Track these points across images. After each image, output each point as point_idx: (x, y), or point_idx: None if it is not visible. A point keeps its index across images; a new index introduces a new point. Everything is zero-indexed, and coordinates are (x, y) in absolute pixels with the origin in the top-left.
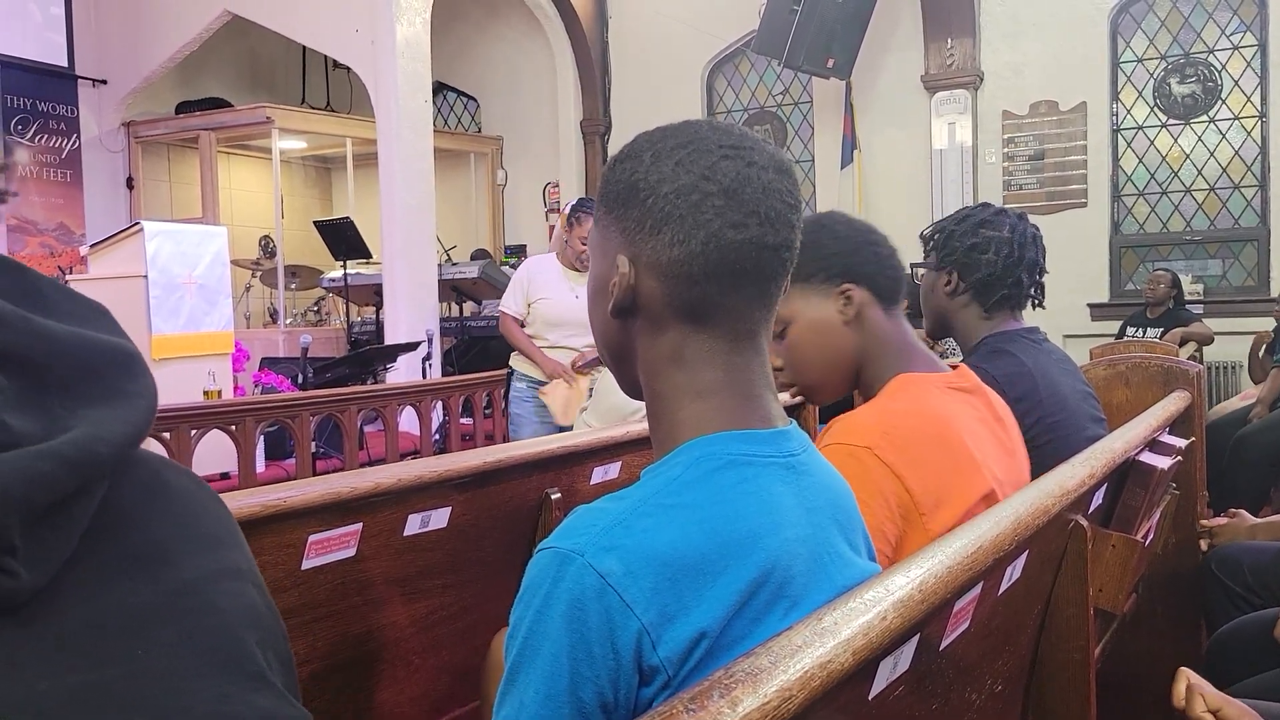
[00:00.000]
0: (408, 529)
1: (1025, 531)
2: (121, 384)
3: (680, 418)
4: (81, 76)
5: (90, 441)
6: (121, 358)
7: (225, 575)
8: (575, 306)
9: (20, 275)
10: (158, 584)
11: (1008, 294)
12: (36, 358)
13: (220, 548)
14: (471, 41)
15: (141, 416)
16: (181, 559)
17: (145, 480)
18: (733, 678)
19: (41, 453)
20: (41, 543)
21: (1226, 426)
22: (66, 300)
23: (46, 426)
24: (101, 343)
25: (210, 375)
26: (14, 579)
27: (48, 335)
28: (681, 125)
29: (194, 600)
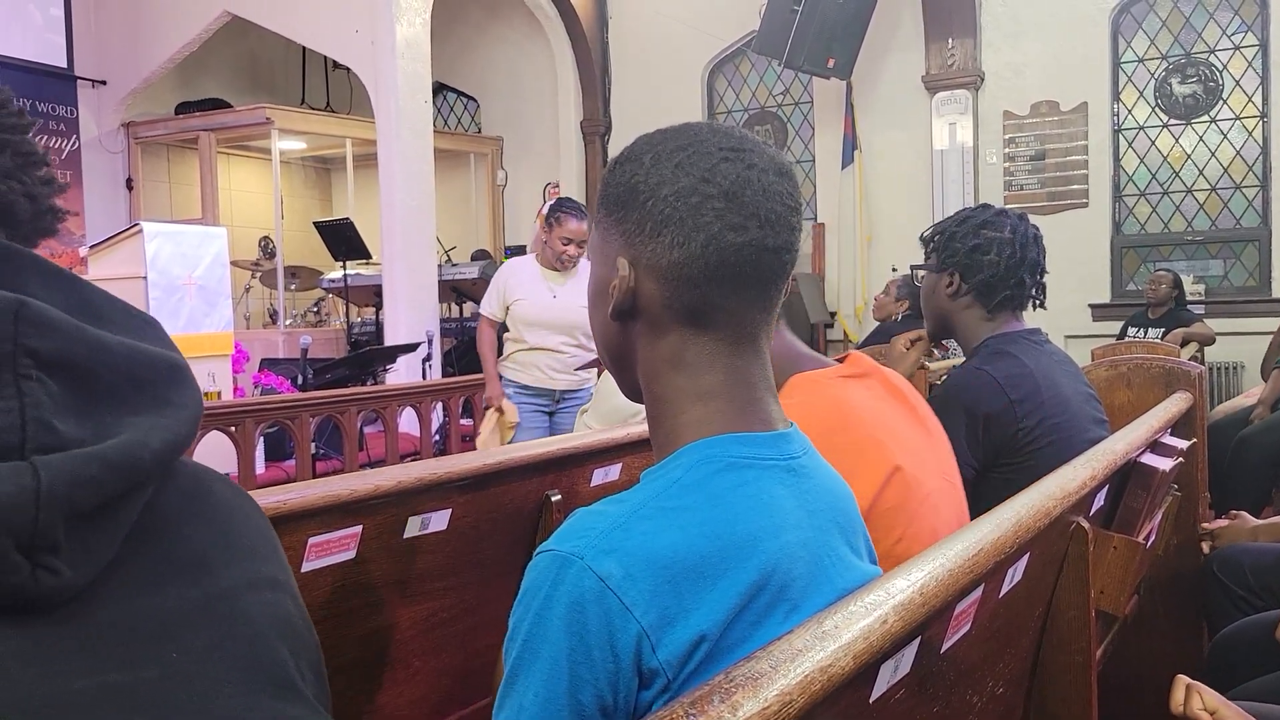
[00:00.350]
0: (408, 531)
1: (1026, 533)
2: (168, 394)
3: (681, 420)
4: (81, 77)
5: (135, 447)
6: (169, 369)
7: (261, 585)
8: (553, 306)
9: (74, 287)
10: (195, 591)
11: (1010, 295)
12: (88, 366)
13: (258, 558)
14: (471, 42)
15: (186, 426)
16: (219, 568)
17: (188, 488)
18: (733, 682)
19: (88, 456)
20: (84, 544)
21: (1228, 428)
22: (119, 312)
23: (94, 432)
24: (150, 354)
25: (210, 376)
26: (57, 577)
27: (99, 345)
28: (681, 127)
29: (229, 608)
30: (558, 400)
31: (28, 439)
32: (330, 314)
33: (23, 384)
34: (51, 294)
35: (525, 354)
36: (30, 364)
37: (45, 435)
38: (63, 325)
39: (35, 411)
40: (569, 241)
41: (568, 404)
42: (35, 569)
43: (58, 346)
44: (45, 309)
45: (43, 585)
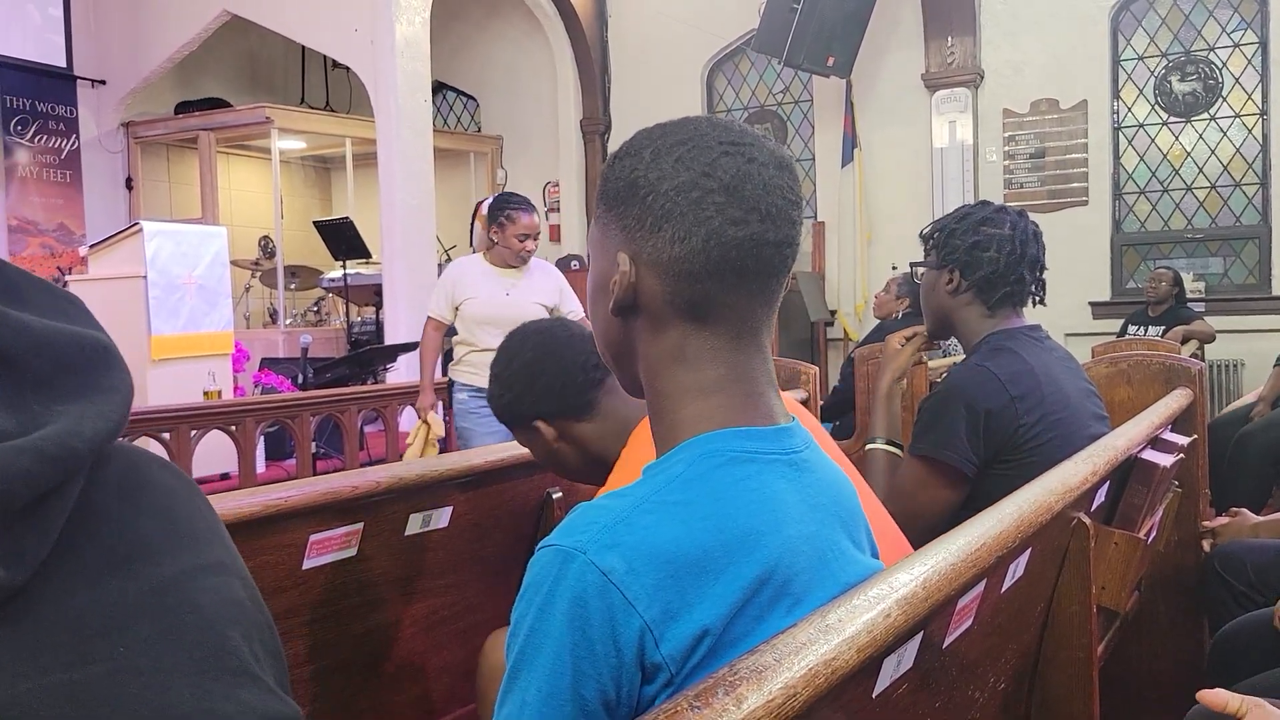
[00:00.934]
0: (409, 528)
1: (1028, 529)
2: (97, 378)
3: (682, 415)
4: (80, 77)
5: (68, 437)
6: (97, 351)
7: (206, 570)
8: (508, 304)
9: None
10: (138, 581)
11: (1010, 291)
12: (14, 354)
13: (200, 542)
14: (471, 41)
15: (118, 411)
16: (161, 555)
17: (123, 476)
18: (737, 675)
19: (20, 448)
20: (19, 541)
21: (1228, 425)
22: (41, 293)
23: (24, 422)
24: (77, 336)
25: (210, 375)
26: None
27: (25, 330)
28: (681, 122)
29: (174, 597)
30: None
31: None
32: (330, 313)
33: None
34: None
35: (479, 355)
36: None
37: None
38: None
39: None
40: (526, 237)
41: None
42: None
43: None
44: None
45: None
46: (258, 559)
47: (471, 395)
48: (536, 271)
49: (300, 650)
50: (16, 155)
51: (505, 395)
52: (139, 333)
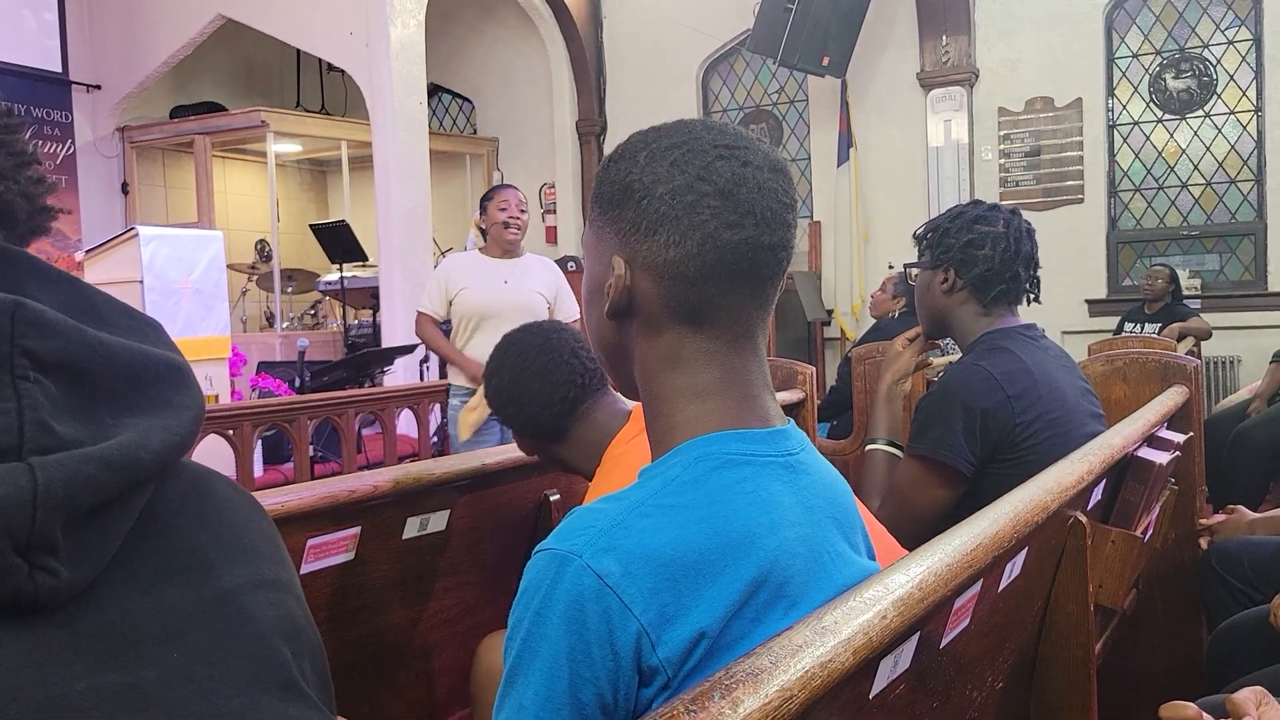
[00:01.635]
0: (407, 532)
1: (1025, 528)
2: (169, 395)
3: (678, 419)
4: (75, 82)
5: (133, 448)
6: (170, 370)
7: (264, 586)
8: (507, 291)
9: (74, 289)
10: (196, 591)
11: (1005, 289)
12: (88, 367)
13: (260, 559)
14: (466, 43)
15: (186, 427)
16: (221, 568)
17: (189, 489)
18: (733, 678)
19: (86, 456)
20: (83, 544)
21: (1225, 421)
22: (119, 314)
23: (93, 433)
24: (151, 355)
25: (207, 380)
26: (54, 578)
27: (99, 345)
28: (676, 125)
29: (231, 608)
30: None
31: (25, 440)
32: (327, 316)
33: (20, 385)
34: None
35: (477, 353)
36: (28, 365)
37: (43, 436)
38: (61, 326)
39: (33, 413)
40: (505, 207)
41: None
42: (33, 570)
43: (56, 347)
44: (43, 310)
45: (41, 587)
46: None
47: (465, 401)
48: (535, 264)
49: None
50: None
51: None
52: None
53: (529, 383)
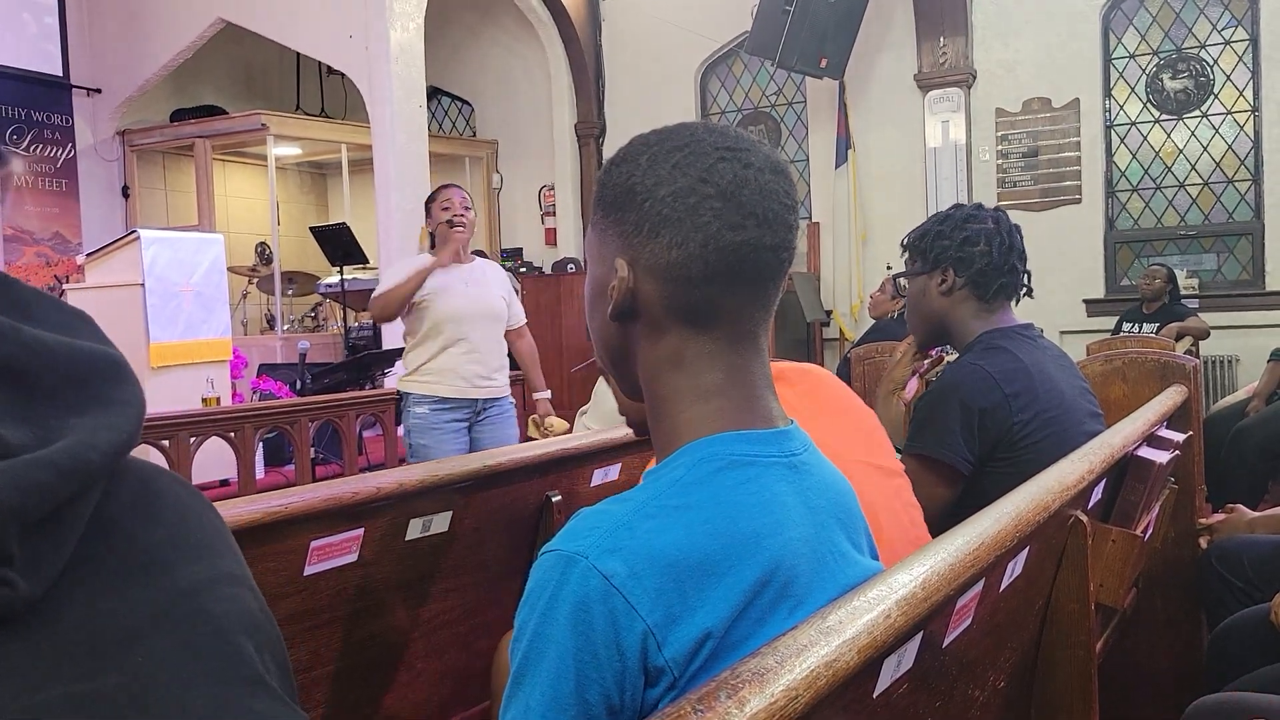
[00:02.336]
0: (409, 533)
1: (1026, 527)
2: (109, 392)
3: (682, 420)
4: (76, 86)
5: (82, 450)
6: (108, 365)
7: (219, 581)
8: (470, 295)
9: (6, 286)
10: (152, 592)
11: (1005, 283)
12: (28, 368)
13: (213, 554)
14: (465, 46)
15: (131, 424)
16: (175, 566)
17: (136, 488)
18: (739, 678)
19: (36, 461)
20: (37, 552)
21: (1224, 420)
22: (52, 310)
23: (39, 436)
24: (89, 351)
25: (208, 382)
26: (12, 589)
27: (38, 345)
28: (677, 127)
29: (189, 607)
30: (479, 412)
31: None
32: (328, 319)
33: None
34: None
35: (441, 359)
36: None
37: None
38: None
39: None
40: (449, 206)
41: (488, 415)
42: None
43: None
44: None
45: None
46: (259, 566)
47: (432, 407)
48: (489, 267)
49: (302, 656)
50: (12, 165)
51: None
52: (137, 340)
53: None
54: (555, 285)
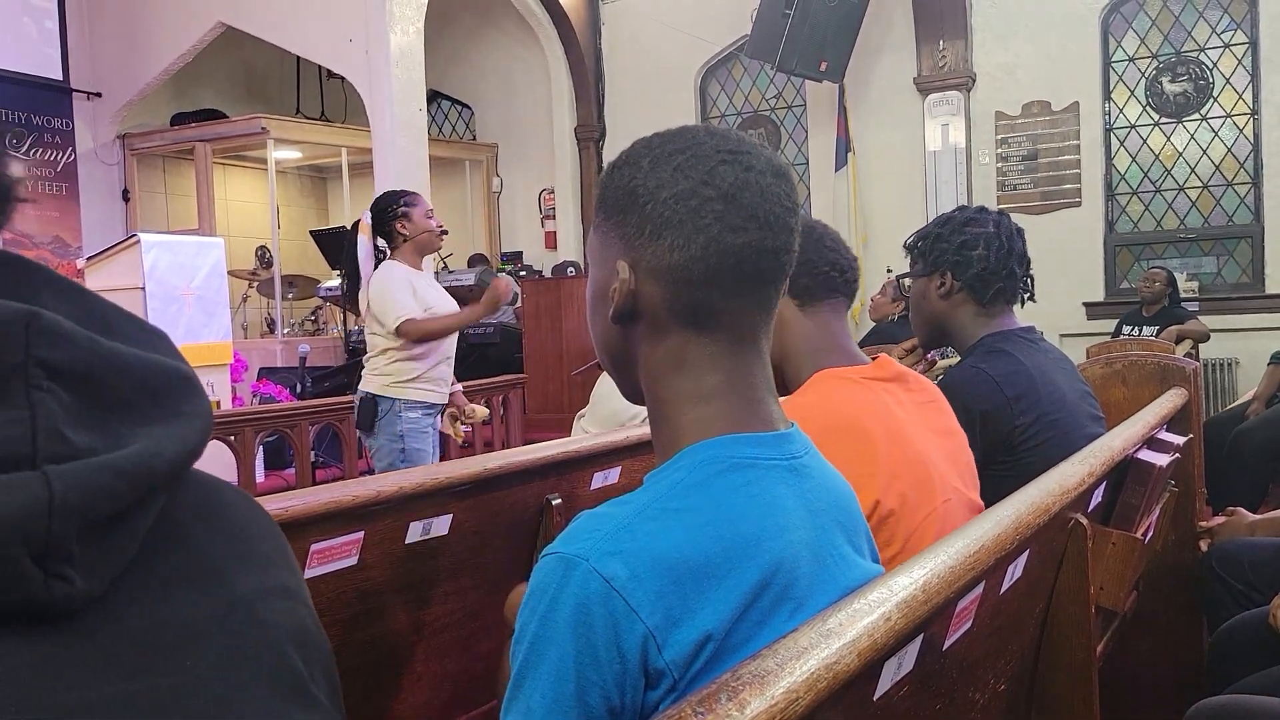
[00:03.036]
0: (409, 536)
1: (1026, 530)
2: (179, 405)
3: (683, 422)
4: (76, 90)
5: (147, 457)
6: (180, 380)
7: (276, 594)
8: (446, 301)
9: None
10: (209, 599)
11: (1003, 287)
12: (101, 376)
13: (271, 567)
14: (465, 49)
15: (197, 436)
16: (233, 576)
17: (200, 497)
18: (740, 680)
19: (101, 465)
20: (98, 553)
21: (1224, 423)
22: (129, 325)
23: (107, 442)
24: (163, 365)
25: (209, 386)
26: (69, 585)
27: (113, 356)
28: (679, 131)
29: (244, 616)
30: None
31: (39, 449)
32: (328, 322)
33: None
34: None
35: (438, 369)
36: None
37: (57, 445)
38: (75, 336)
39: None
40: (432, 215)
41: None
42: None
43: (70, 357)
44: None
45: (56, 594)
46: None
47: (424, 413)
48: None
49: None
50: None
51: None
52: None
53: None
54: (555, 289)
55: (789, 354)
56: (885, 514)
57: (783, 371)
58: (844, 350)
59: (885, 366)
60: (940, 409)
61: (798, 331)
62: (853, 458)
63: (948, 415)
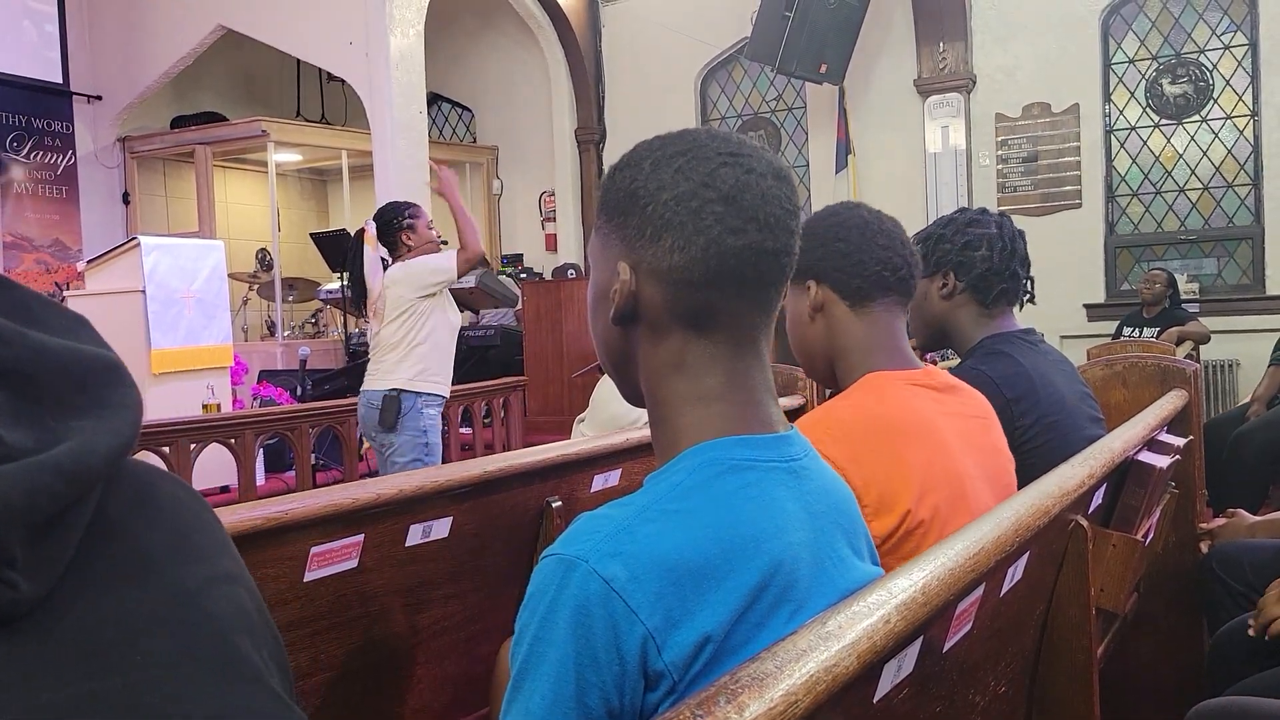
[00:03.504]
0: (409, 539)
1: (1026, 532)
2: (108, 394)
3: (682, 424)
4: (77, 93)
5: (84, 453)
6: (106, 368)
7: (217, 581)
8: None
9: (7, 290)
10: (152, 592)
11: (1006, 288)
12: (29, 371)
13: (210, 554)
14: (465, 52)
15: (129, 427)
16: (174, 567)
17: (134, 490)
18: (739, 683)
19: (40, 464)
20: (40, 554)
21: (1224, 425)
22: (51, 314)
23: (40, 439)
24: (87, 354)
25: (209, 389)
26: (14, 590)
27: (39, 349)
28: (680, 134)
29: (188, 607)
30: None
31: None
32: (328, 325)
33: None
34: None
35: (442, 361)
36: None
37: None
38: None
39: None
40: (433, 225)
41: None
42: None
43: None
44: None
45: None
46: (260, 572)
47: (439, 407)
48: None
49: (303, 662)
50: (12, 172)
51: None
52: (138, 347)
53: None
54: (556, 291)
55: (841, 354)
56: (915, 524)
57: (835, 371)
58: (897, 351)
59: (936, 375)
60: (987, 425)
61: (850, 332)
62: (892, 463)
63: (995, 433)
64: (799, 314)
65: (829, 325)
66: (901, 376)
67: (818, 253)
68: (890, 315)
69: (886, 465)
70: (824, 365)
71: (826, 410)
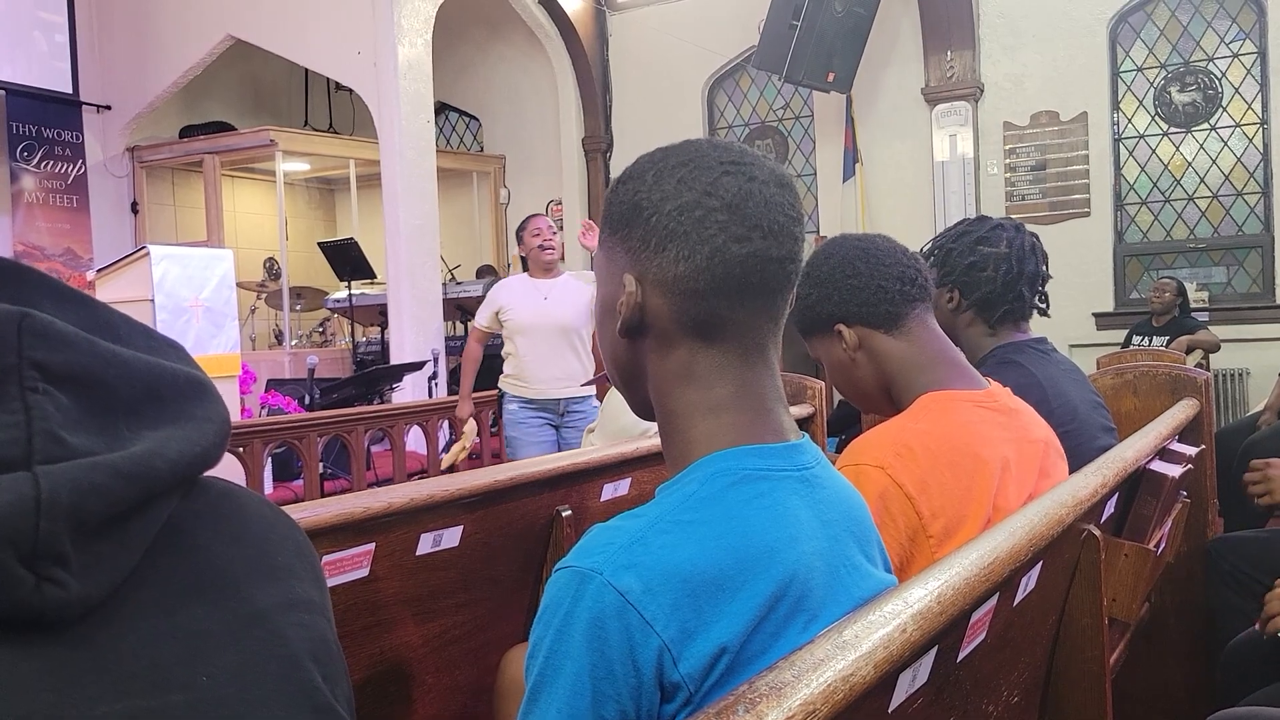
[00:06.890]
0: (420, 548)
1: (1040, 542)
2: (190, 409)
3: (693, 434)
4: (86, 103)
5: (148, 457)
6: (191, 385)
7: (296, 606)
8: (546, 306)
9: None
10: (225, 611)
11: (1010, 309)
12: (101, 379)
13: (293, 578)
14: (473, 61)
15: (209, 439)
16: (251, 587)
17: (219, 506)
18: (757, 692)
19: (94, 464)
20: (94, 556)
21: (1234, 434)
22: (138, 334)
23: (109, 444)
24: (170, 369)
25: None
26: (64, 590)
27: (115, 359)
28: (682, 144)
29: (262, 629)
30: (562, 414)
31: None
32: (336, 334)
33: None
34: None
35: (520, 364)
36: (37, 376)
37: (53, 447)
38: (71, 338)
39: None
40: (539, 233)
41: (572, 417)
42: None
43: (66, 359)
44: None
45: (49, 599)
46: None
47: (521, 406)
48: (572, 281)
49: None
50: (23, 181)
51: (812, 294)
52: None
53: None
54: None
55: (893, 379)
56: None
57: (892, 397)
58: (948, 363)
59: (999, 397)
60: (1048, 449)
61: (896, 355)
62: (960, 493)
63: (1054, 454)
64: (839, 360)
65: (872, 358)
66: (965, 397)
67: (834, 296)
68: (923, 324)
69: (955, 496)
70: (881, 396)
71: (894, 434)
